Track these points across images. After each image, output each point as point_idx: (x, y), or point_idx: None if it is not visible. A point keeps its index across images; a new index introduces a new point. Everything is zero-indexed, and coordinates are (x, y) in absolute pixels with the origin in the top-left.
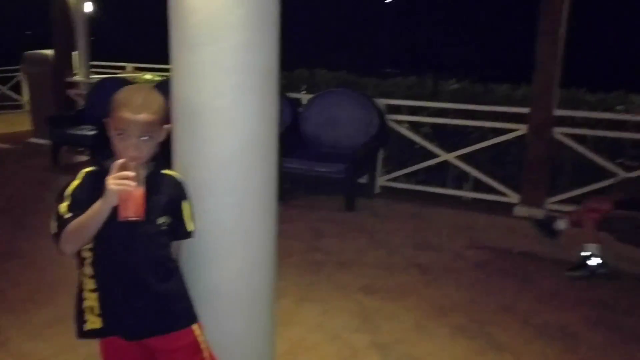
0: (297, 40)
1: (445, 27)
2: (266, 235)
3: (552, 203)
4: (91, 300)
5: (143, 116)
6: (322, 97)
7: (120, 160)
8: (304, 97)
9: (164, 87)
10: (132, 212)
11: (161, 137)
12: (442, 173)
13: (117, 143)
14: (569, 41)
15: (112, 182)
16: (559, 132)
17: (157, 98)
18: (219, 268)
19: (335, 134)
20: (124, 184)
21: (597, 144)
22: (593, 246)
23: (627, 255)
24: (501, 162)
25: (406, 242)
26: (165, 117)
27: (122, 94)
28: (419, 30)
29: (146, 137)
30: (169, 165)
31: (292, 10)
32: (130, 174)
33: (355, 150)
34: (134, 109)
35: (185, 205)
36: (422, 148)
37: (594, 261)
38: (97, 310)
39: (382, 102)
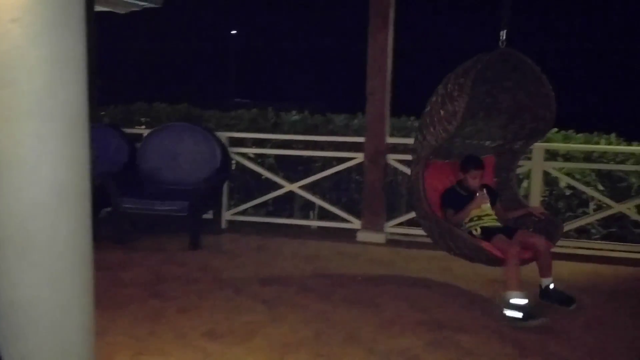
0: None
1: (286, 58)
2: (80, 294)
3: (392, 227)
4: None
5: None
6: (161, 132)
7: None
8: (145, 131)
9: None
10: None
11: None
12: (289, 203)
13: None
14: (396, 74)
15: None
16: (392, 158)
17: None
18: (25, 338)
19: (175, 169)
20: None
21: None
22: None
23: (460, 273)
24: (344, 189)
25: (253, 277)
26: None
27: None
28: (264, 61)
29: None
30: None
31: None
32: None
33: (198, 186)
34: None
35: None
36: (268, 180)
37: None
38: None
39: (224, 135)
